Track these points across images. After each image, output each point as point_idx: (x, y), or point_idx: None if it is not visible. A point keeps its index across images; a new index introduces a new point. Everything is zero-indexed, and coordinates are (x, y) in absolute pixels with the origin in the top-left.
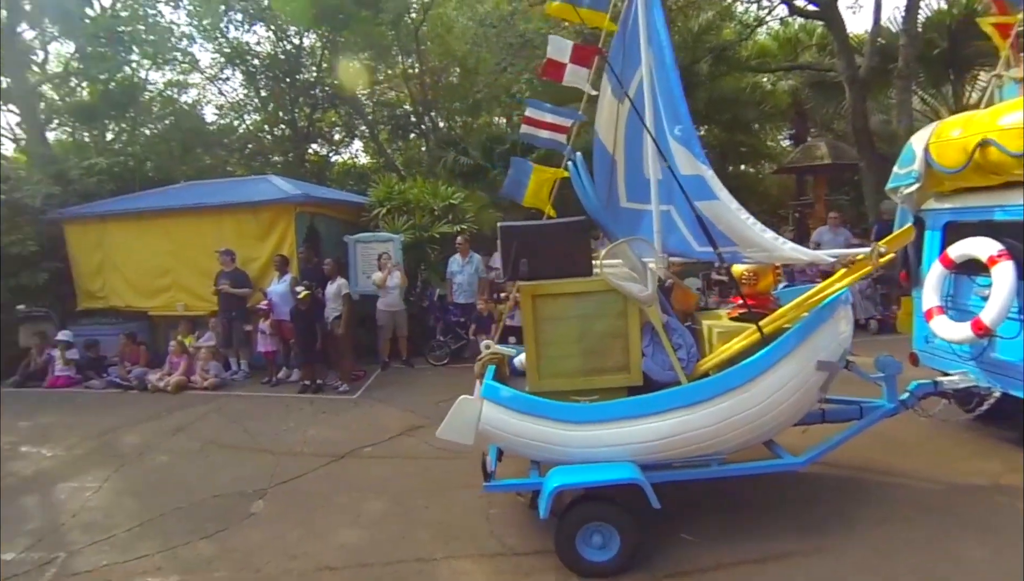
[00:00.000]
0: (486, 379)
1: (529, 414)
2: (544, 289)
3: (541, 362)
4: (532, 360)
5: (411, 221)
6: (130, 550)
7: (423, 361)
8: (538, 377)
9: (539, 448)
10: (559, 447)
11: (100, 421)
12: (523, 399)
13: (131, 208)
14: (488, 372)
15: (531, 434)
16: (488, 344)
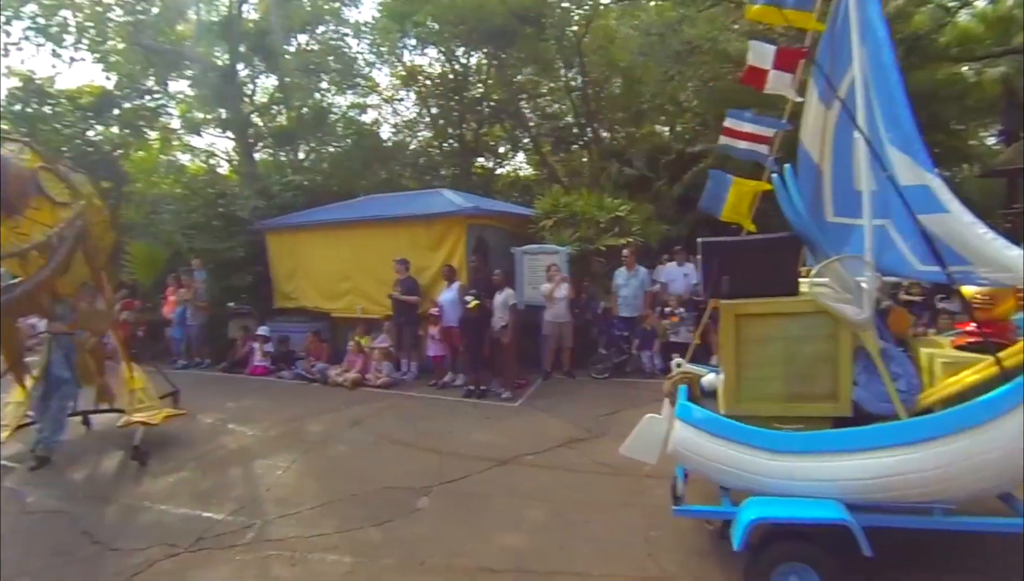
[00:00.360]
0: (679, 399)
1: (726, 439)
2: (747, 308)
3: (740, 384)
4: (730, 382)
5: (577, 233)
6: (312, 527)
7: (585, 374)
8: (736, 400)
9: (734, 475)
10: (757, 476)
11: (289, 408)
12: (721, 423)
13: (319, 219)
14: (681, 392)
15: (727, 460)
16: (679, 363)
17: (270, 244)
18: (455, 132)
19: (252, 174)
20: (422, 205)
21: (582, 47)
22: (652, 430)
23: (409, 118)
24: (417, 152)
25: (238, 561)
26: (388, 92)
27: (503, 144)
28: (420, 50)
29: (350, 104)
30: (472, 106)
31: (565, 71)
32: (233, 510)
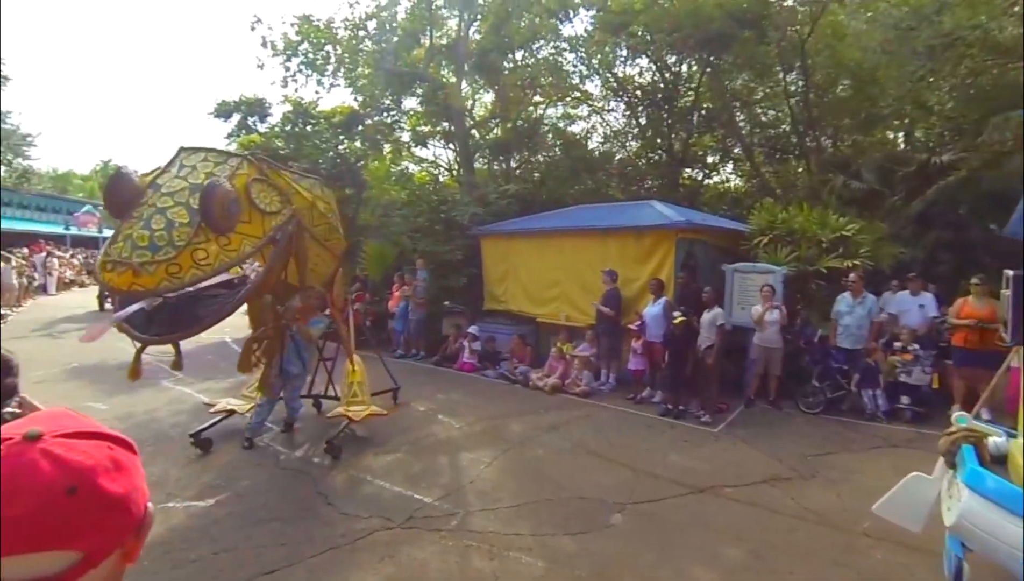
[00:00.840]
0: (968, 462)
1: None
2: None
3: None
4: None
5: (795, 252)
6: (509, 525)
7: (792, 406)
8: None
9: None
10: None
11: (492, 406)
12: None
13: (532, 227)
14: (966, 453)
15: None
16: (962, 416)
17: (484, 248)
18: (663, 142)
19: (471, 183)
20: (632, 216)
21: (806, 48)
22: (918, 491)
23: (617, 128)
24: (624, 162)
25: (442, 545)
26: (598, 103)
27: (712, 154)
28: (631, 60)
29: (560, 115)
30: (682, 115)
31: (784, 75)
32: (440, 496)
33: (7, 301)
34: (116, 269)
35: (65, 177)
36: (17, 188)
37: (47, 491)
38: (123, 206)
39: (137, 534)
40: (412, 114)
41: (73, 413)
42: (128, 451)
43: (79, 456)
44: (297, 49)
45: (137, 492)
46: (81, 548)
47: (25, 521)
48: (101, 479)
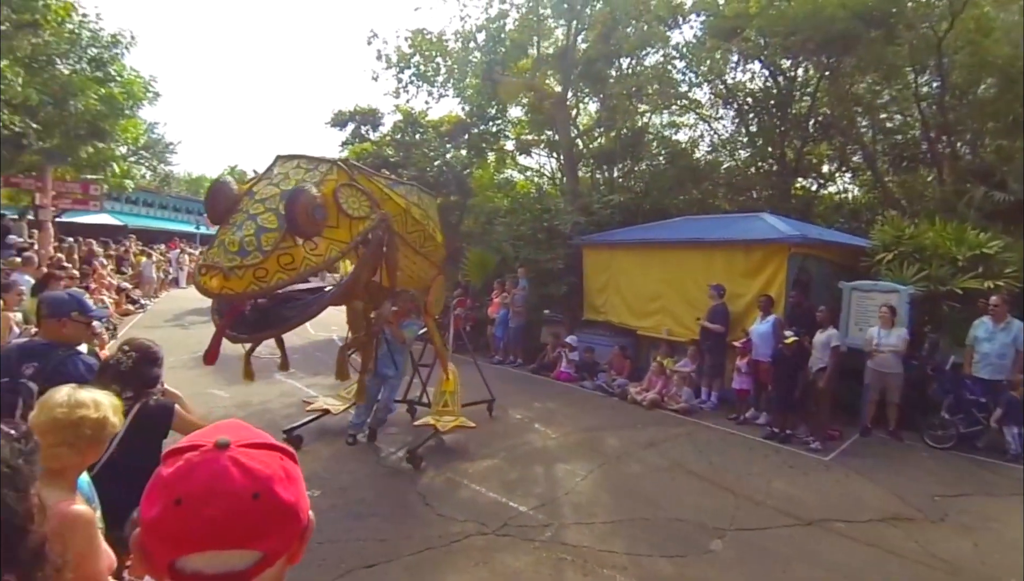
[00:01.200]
0: None
1: None
2: None
3: None
4: None
5: (924, 271)
6: (603, 541)
7: (916, 438)
8: None
9: None
10: None
11: (588, 418)
12: None
13: (635, 238)
14: None
15: None
16: None
17: (586, 258)
18: (774, 151)
19: (574, 192)
20: (742, 230)
21: (943, 45)
22: None
23: (725, 137)
24: (732, 171)
25: (535, 555)
26: (706, 110)
27: (829, 163)
28: (743, 66)
29: (666, 123)
30: (796, 122)
31: (915, 76)
32: (534, 506)
33: (147, 292)
34: (208, 273)
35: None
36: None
37: (237, 495)
38: (221, 213)
39: (302, 539)
40: (517, 123)
41: (247, 425)
42: (293, 462)
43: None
44: (410, 61)
45: (304, 500)
46: (262, 549)
47: (220, 521)
48: (278, 487)
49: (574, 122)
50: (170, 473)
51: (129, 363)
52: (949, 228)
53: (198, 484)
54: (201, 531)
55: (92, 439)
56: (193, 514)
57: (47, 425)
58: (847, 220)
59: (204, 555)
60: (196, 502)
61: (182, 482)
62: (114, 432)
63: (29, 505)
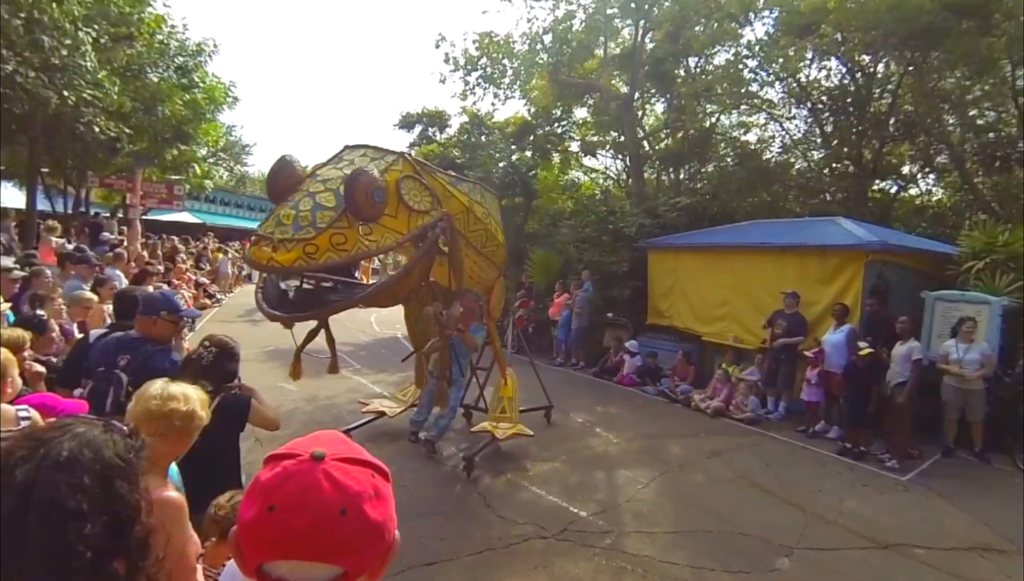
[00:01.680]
0: None
1: None
2: None
3: None
4: None
5: (1020, 281)
6: (665, 551)
7: (1009, 460)
8: None
9: None
10: None
11: (650, 424)
12: None
13: (702, 242)
14: None
15: None
16: None
17: (651, 261)
18: (851, 151)
19: (640, 194)
20: (816, 235)
21: None
22: None
23: (798, 137)
24: (804, 173)
25: (595, 562)
26: (777, 110)
27: (910, 164)
28: (818, 63)
29: (735, 123)
30: (875, 121)
31: (1013, 70)
32: (595, 512)
33: (223, 287)
34: (259, 243)
35: None
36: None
37: (326, 509)
38: (281, 191)
39: (385, 558)
40: (582, 124)
41: (345, 438)
42: (385, 480)
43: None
44: (476, 64)
45: (391, 521)
46: (344, 564)
47: (307, 532)
48: (366, 505)
49: (640, 123)
50: (268, 479)
51: (210, 358)
52: None
53: (290, 494)
54: (289, 540)
55: (182, 430)
56: (283, 522)
57: (142, 416)
58: (930, 224)
59: (289, 563)
60: (287, 511)
61: (277, 490)
62: (201, 425)
63: (139, 497)
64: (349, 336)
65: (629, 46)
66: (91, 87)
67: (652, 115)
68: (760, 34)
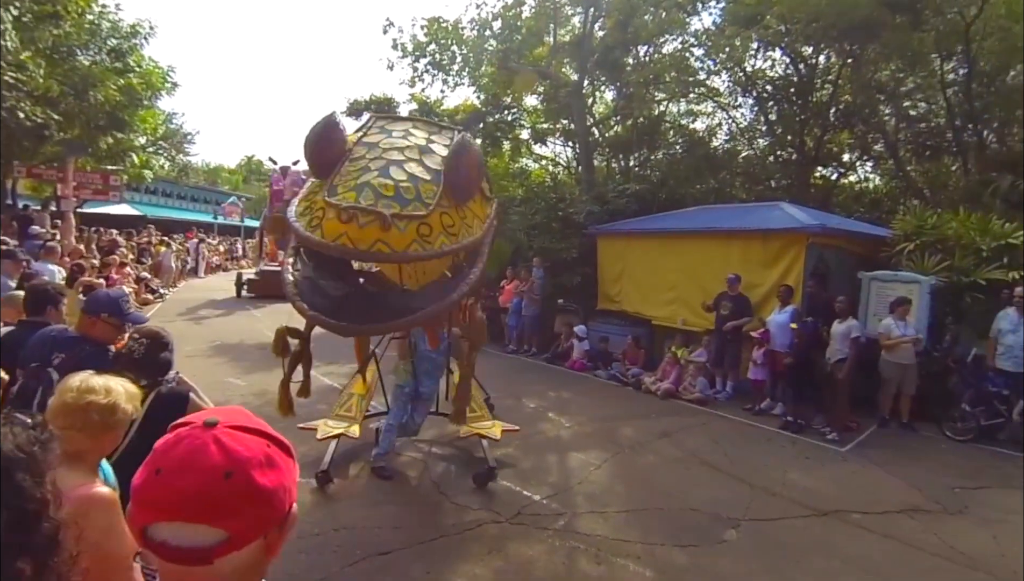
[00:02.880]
0: None
1: None
2: None
3: None
4: None
5: (947, 261)
6: (617, 530)
7: (935, 429)
8: None
9: None
10: None
11: (602, 407)
12: None
13: (650, 227)
14: None
15: None
16: None
17: (600, 248)
18: (794, 139)
19: (589, 181)
20: (759, 219)
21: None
22: None
23: (744, 125)
24: (750, 160)
25: (549, 544)
26: (724, 99)
27: (849, 152)
28: (762, 53)
29: (683, 112)
30: (817, 110)
31: (941, 63)
32: (548, 495)
33: (165, 282)
34: (357, 220)
35: (215, 171)
36: (177, 181)
37: (210, 471)
38: (329, 161)
39: (280, 530)
40: (532, 112)
41: (248, 412)
42: (284, 453)
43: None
44: (425, 50)
45: (283, 490)
46: (228, 528)
47: (190, 493)
48: (254, 470)
49: (590, 111)
50: (159, 444)
51: (141, 350)
52: (973, 218)
53: (176, 457)
54: (170, 501)
55: (103, 425)
56: (167, 484)
57: (59, 409)
58: (867, 210)
59: (171, 525)
60: (171, 473)
61: (166, 453)
62: (127, 419)
63: (45, 491)
64: None
65: (579, 34)
66: (13, 69)
67: (602, 103)
68: (707, 24)
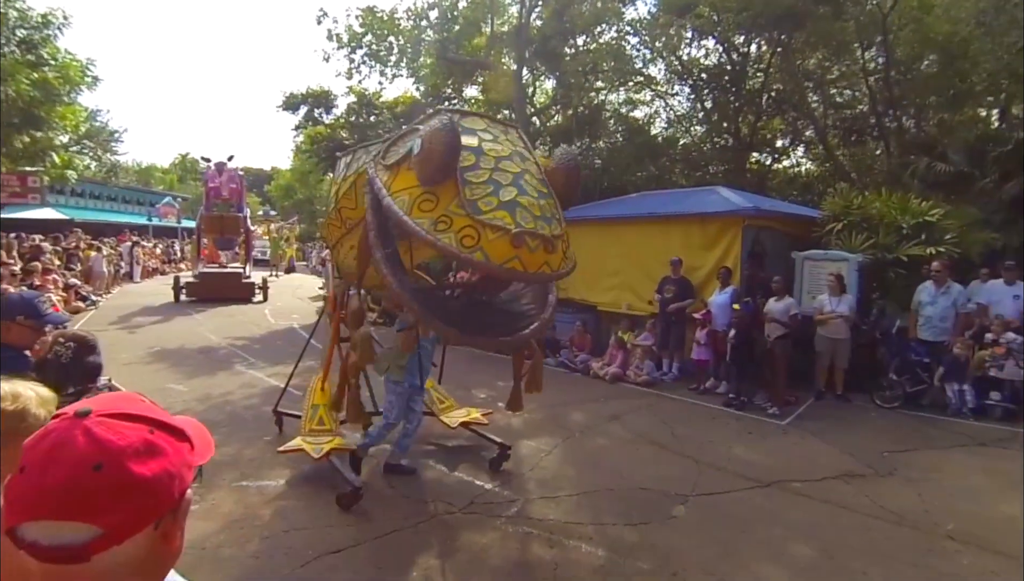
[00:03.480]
0: None
1: None
2: None
3: None
4: None
5: (872, 239)
6: (569, 514)
7: (866, 399)
8: None
9: None
10: None
11: (552, 395)
12: None
13: (594, 215)
14: None
15: None
16: None
17: None
18: (729, 126)
19: None
20: (697, 203)
21: (888, 22)
22: None
23: (681, 113)
24: (688, 147)
25: (502, 531)
26: (662, 87)
27: (782, 137)
28: (697, 42)
29: (623, 100)
30: (750, 98)
31: (863, 52)
32: (500, 483)
33: (97, 288)
34: (527, 244)
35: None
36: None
37: (77, 465)
38: (451, 169)
39: (174, 517)
40: (472, 102)
41: (139, 398)
42: (173, 438)
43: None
44: (361, 41)
45: (168, 477)
46: (101, 524)
47: (56, 489)
48: (129, 460)
49: (530, 100)
50: (28, 441)
51: (68, 354)
52: (895, 198)
53: (41, 452)
54: (35, 499)
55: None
56: (30, 482)
57: None
58: (800, 192)
59: (39, 524)
60: (35, 470)
61: (31, 450)
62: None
63: None
64: (242, 330)
65: (516, 24)
66: None
67: (542, 92)
68: (643, 13)
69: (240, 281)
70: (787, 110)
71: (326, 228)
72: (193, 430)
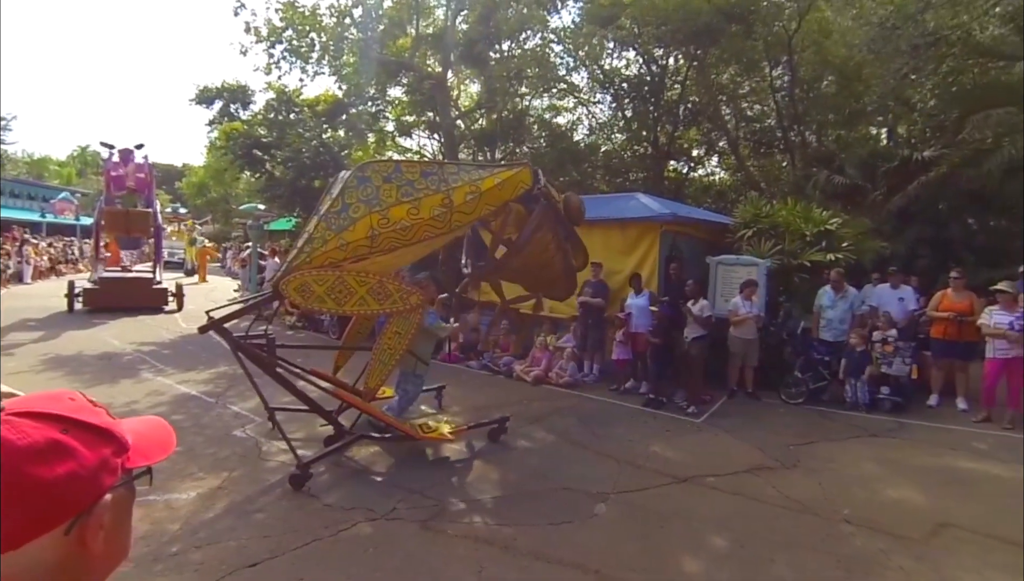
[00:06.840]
0: None
1: None
2: None
3: None
4: None
5: (779, 246)
6: (492, 516)
7: (774, 396)
8: None
9: None
10: None
11: (475, 397)
12: None
13: None
14: None
15: None
16: None
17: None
18: (648, 135)
19: None
20: (617, 209)
21: (792, 43)
22: None
23: (603, 121)
24: (609, 154)
25: (425, 537)
26: (584, 95)
27: (698, 147)
28: (618, 53)
29: (546, 107)
30: (668, 108)
31: (770, 70)
32: (423, 488)
33: None
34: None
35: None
36: None
37: None
38: None
39: (87, 519)
40: (397, 104)
41: (68, 397)
42: (95, 438)
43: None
44: (281, 36)
45: (75, 478)
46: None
47: None
48: (28, 460)
49: (455, 103)
50: None
51: None
52: (799, 207)
53: None
54: None
55: None
56: None
57: None
58: (715, 200)
59: None
60: None
61: None
62: None
63: None
64: (150, 334)
65: (441, 26)
66: None
67: (467, 96)
68: (567, 21)
69: (150, 287)
70: (702, 121)
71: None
72: (142, 428)
